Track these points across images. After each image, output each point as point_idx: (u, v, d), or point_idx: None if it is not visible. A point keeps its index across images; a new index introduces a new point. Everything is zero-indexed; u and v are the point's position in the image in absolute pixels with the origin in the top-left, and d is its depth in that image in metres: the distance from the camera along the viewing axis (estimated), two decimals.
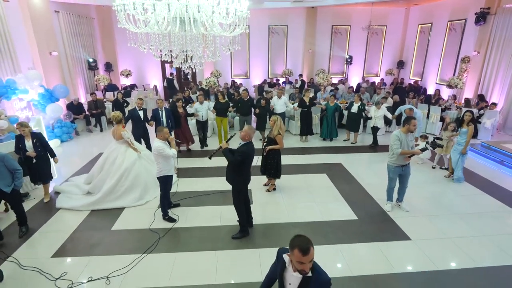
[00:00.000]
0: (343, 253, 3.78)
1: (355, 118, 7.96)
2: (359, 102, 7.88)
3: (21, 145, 4.71)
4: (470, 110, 5.59)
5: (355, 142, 8.14)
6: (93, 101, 9.37)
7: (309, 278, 1.80)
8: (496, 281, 3.33)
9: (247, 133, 3.80)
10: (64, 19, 10.06)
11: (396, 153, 4.24)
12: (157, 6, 3.40)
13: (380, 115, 7.54)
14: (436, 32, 11.80)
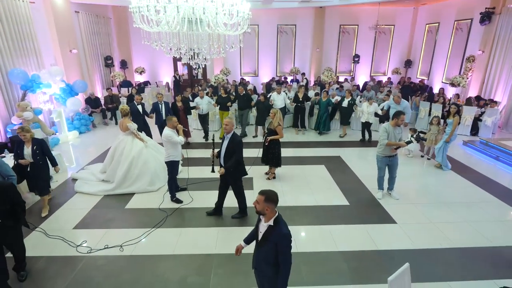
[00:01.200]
0: (332, 233, 4.15)
1: (346, 113, 8.43)
2: (349, 97, 8.31)
3: (19, 151, 4.30)
4: (455, 103, 6.16)
5: (344, 135, 8.59)
6: (109, 96, 10.00)
7: (272, 228, 2.26)
8: (469, 259, 3.63)
9: (231, 125, 4.19)
10: (83, 19, 10.73)
11: (383, 144, 4.58)
12: (168, 8, 3.84)
13: (372, 111, 7.90)
14: (443, 32, 11.89)
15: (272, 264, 2.30)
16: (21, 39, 7.75)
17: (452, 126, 5.96)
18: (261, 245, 2.36)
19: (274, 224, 2.26)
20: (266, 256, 2.33)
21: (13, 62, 7.48)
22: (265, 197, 2.24)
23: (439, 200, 5.05)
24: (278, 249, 2.22)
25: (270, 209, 2.25)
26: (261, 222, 2.36)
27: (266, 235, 2.29)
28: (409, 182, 5.69)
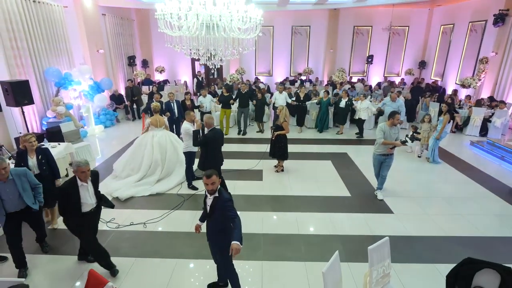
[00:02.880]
0: (332, 219, 4.55)
1: (343, 112, 8.74)
2: (346, 98, 8.63)
3: (23, 163, 3.88)
4: (446, 102, 6.74)
5: (341, 133, 8.92)
6: (129, 88, 10.39)
7: (217, 198, 2.74)
8: (458, 246, 3.93)
9: (207, 122, 4.67)
10: (109, 21, 11.52)
11: (379, 143, 4.82)
12: (189, 15, 4.35)
13: (364, 107, 8.24)
14: (457, 33, 11.90)
15: (221, 231, 2.78)
16: (55, 40, 8.52)
17: (442, 123, 6.34)
18: (210, 216, 2.83)
19: (219, 194, 2.76)
20: (215, 224, 2.81)
21: (48, 61, 8.26)
22: (216, 175, 2.70)
23: (437, 195, 5.34)
24: (224, 212, 2.68)
25: (217, 183, 2.74)
26: (207, 197, 2.84)
27: (213, 205, 2.77)
28: (408, 177, 6.04)
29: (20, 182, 3.31)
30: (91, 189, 3.31)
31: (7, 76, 6.93)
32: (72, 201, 3.18)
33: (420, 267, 3.58)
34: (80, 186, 3.20)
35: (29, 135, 3.97)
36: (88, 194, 3.28)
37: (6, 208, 3.25)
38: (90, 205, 3.32)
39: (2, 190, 3.22)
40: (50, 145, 5.93)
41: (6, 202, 3.24)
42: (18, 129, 7.12)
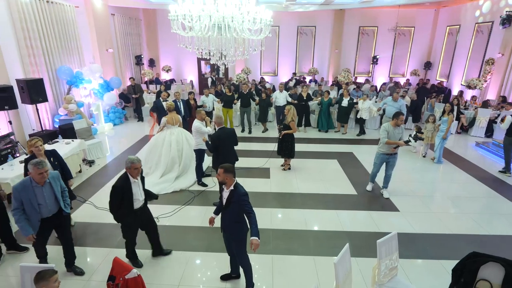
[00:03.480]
0: (339, 216, 4.67)
1: (345, 112, 8.84)
2: (348, 97, 8.74)
3: None
4: (450, 102, 6.95)
5: (345, 132, 9.05)
6: (131, 86, 10.31)
7: (233, 191, 2.88)
8: (462, 243, 4.03)
9: (216, 121, 4.85)
10: (118, 21, 11.70)
11: (383, 142, 4.91)
12: (202, 16, 4.48)
13: (366, 107, 8.37)
14: (463, 34, 11.91)
15: (237, 222, 2.93)
16: (67, 39, 8.70)
17: (447, 123, 6.49)
18: (226, 208, 2.95)
19: (234, 188, 2.89)
20: (231, 216, 2.93)
21: (60, 60, 8.44)
22: (224, 170, 2.85)
23: (443, 194, 5.44)
24: (240, 206, 2.83)
25: (229, 177, 2.87)
26: (224, 190, 2.98)
27: (230, 198, 2.89)
28: (415, 176, 6.14)
29: (56, 185, 3.25)
30: (140, 185, 3.38)
31: (21, 74, 7.12)
32: (126, 198, 3.22)
33: (426, 263, 3.69)
34: (132, 183, 3.24)
35: (34, 139, 3.70)
36: (139, 191, 3.34)
37: (41, 213, 3.15)
38: (140, 202, 3.38)
39: (39, 195, 3.10)
40: (64, 142, 6.12)
41: (43, 207, 3.14)
42: (32, 126, 7.32)
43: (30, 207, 3.06)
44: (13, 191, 3.03)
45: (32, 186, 3.05)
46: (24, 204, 3.05)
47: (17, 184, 3.06)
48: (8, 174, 4.60)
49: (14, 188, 3.03)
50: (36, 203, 3.08)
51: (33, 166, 2.99)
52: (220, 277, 3.43)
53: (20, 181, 3.08)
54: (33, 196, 3.05)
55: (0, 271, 3.55)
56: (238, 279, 3.40)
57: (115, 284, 2.61)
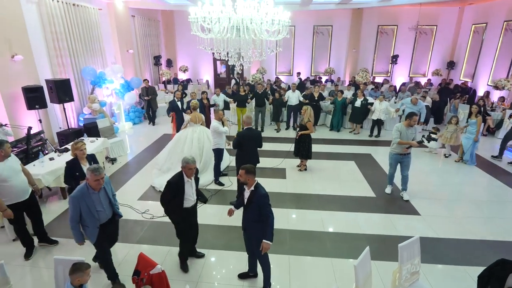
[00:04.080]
0: (356, 218, 4.62)
1: (359, 112, 8.77)
2: (362, 97, 8.64)
3: (78, 171, 3.66)
4: (477, 104, 6.74)
5: (358, 132, 8.97)
6: (145, 88, 9.92)
7: (254, 192, 2.94)
8: (489, 249, 3.89)
9: (245, 121, 4.85)
10: (138, 22, 12.02)
11: (395, 143, 4.89)
12: (221, 18, 4.55)
13: (384, 108, 8.25)
14: (490, 33, 11.43)
15: (257, 221, 2.96)
16: (90, 41, 9.03)
17: (477, 125, 6.35)
18: (247, 208, 3.04)
19: (255, 189, 2.96)
20: (252, 216, 2.99)
21: (84, 61, 8.78)
22: (245, 171, 2.92)
23: (466, 198, 5.27)
24: (260, 206, 2.90)
25: (251, 178, 2.94)
26: (245, 190, 3.06)
27: (250, 198, 2.97)
28: (436, 179, 5.98)
29: (108, 190, 3.21)
30: (194, 185, 3.40)
31: (49, 74, 7.47)
32: (178, 195, 3.27)
33: (449, 268, 3.60)
34: (186, 182, 3.27)
35: (80, 143, 3.74)
36: (192, 191, 3.37)
37: (100, 219, 3.10)
38: (191, 201, 3.41)
39: (97, 201, 3.05)
40: (89, 140, 6.37)
41: (101, 213, 3.10)
42: (59, 124, 7.66)
43: (89, 214, 2.99)
44: (71, 200, 2.95)
45: (89, 193, 2.99)
46: (82, 212, 2.97)
47: (75, 193, 2.97)
48: (40, 170, 4.83)
49: (72, 198, 2.95)
50: (95, 210, 3.02)
51: (91, 172, 2.93)
52: (237, 275, 3.48)
53: (77, 190, 3.00)
54: (91, 202, 3.00)
55: (33, 263, 3.76)
56: (256, 278, 3.45)
57: (140, 278, 2.71)
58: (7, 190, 3.51)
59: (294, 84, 9.63)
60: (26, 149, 5.65)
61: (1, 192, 3.51)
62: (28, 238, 3.86)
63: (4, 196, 3.52)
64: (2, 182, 3.45)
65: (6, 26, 6.01)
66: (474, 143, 6.50)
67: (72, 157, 3.76)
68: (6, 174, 3.47)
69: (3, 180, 3.45)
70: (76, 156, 3.72)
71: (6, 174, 3.47)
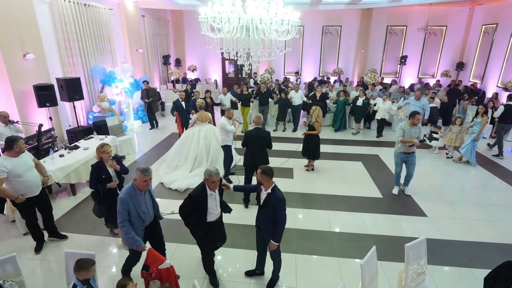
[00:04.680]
0: (363, 218, 4.63)
1: (360, 111, 8.80)
2: (363, 96, 8.70)
3: (104, 174, 3.60)
4: (483, 104, 6.86)
5: (357, 132, 9.02)
6: (145, 90, 9.31)
7: (270, 194, 2.95)
8: (496, 252, 3.86)
9: (254, 120, 4.90)
10: (148, 22, 12.17)
11: (398, 141, 5.03)
12: (231, 18, 4.60)
13: (387, 107, 8.32)
14: (501, 33, 11.26)
15: (271, 221, 3.00)
16: (101, 40, 9.19)
17: (481, 125, 6.43)
18: (262, 208, 3.08)
19: (272, 191, 2.96)
20: (267, 217, 3.03)
21: (95, 60, 8.93)
22: (262, 171, 2.95)
23: (474, 200, 5.23)
24: (275, 210, 2.92)
25: (265, 179, 2.95)
26: (262, 191, 3.07)
27: (266, 200, 3.00)
28: (444, 181, 5.97)
29: (152, 192, 3.17)
30: (218, 198, 3.14)
31: (60, 73, 7.63)
32: (200, 209, 3.04)
33: (455, 270, 3.58)
34: (209, 195, 3.03)
35: (106, 146, 3.62)
36: (215, 204, 3.12)
37: (145, 221, 3.06)
38: (215, 215, 3.16)
39: (143, 202, 2.99)
40: (98, 138, 6.49)
41: (146, 215, 3.05)
42: (68, 122, 7.82)
43: (136, 216, 2.94)
44: (120, 202, 2.86)
45: (136, 194, 2.93)
46: (130, 215, 2.90)
47: (123, 195, 2.87)
48: (50, 166, 4.94)
49: (121, 200, 2.86)
50: (142, 212, 2.97)
51: (141, 172, 2.87)
52: (244, 273, 3.53)
53: (125, 192, 2.91)
54: (138, 204, 2.93)
55: (43, 256, 3.86)
56: (262, 276, 3.49)
57: (149, 273, 2.77)
58: (21, 185, 3.62)
59: (297, 84, 9.66)
60: (36, 146, 5.78)
61: (16, 187, 3.61)
62: (39, 232, 3.96)
63: (18, 190, 3.63)
64: (17, 177, 3.56)
65: (19, 26, 6.17)
66: (473, 142, 6.51)
67: (98, 160, 3.66)
68: (21, 169, 3.58)
69: (17, 175, 3.55)
70: (101, 159, 3.64)
71: (21, 169, 3.58)
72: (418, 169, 5.41)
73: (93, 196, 3.78)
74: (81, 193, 5.41)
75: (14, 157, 3.57)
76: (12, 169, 3.50)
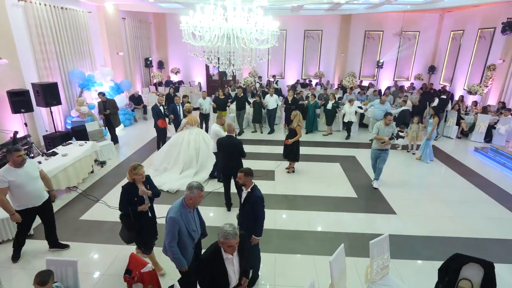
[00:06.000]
0: (339, 218, 4.92)
1: (330, 114, 9.23)
2: (333, 100, 9.16)
3: (137, 197, 3.36)
4: (434, 107, 8.07)
5: (329, 133, 9.50)
6: (102, 102, 8.07)
7: (250, 193, 3.20)
8: (453, 246, 4.22)
9: (227, 129, 5.05)
10: (128, 24, 12.06)
11: (372, 138, 5.78)
12: (212, 28, 4.75)
13: (353, 111, 8.85)
14: (467, 39, 12.05)
15: (251, 219, 3.22)
16: (79, 44, 9.04)
17: (432, 125, 7.11)
18: (243, 207, 3.30)
19: (252, 190, 3.21)
20: (248, 216, 3.24)
21: (73, 63, 8.79)
22: (244, 174, 3.16)
23: (439, 198, 5.66)
24: (254, 207, 3.15)
25: (249, 180, 3.19)
26: (243, 191, 3.32)
27: (247, 199, 3.23)
28: (413, 181, 6.46)
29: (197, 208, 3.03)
30: (236, 262, 2.53)
31: (36, 78, 7.47)
32: (219, 277, 2.47)
33: (418, 263, 3.93)
34: (225, 259, 2.46)
35: (139, 167, 3.35)
36: (233, 269, 2.51)
37: (195, 239, 2.92)
38: (234, 282, 2.58)
39: (192, 220, 2.85)
40: (78, 143, 6.44)
41: (195, 233, 2.91)
42: (45, 127, 7.67)
43: (187, 235, 2.79)
44: (171, 222, 2.67)
45: (186, 212, 2.78)
46: (181, 234, 2.73)
47: (175, 214, 2.68)
48: None
49: (172, 219, 2.67)
50: (192, 230, 2.83)
51: (197, 189, 2.72)
52: None
53: (175, 210, 2.72)
54: (188, 222, 2.78)
55: (22, 265, 3.85)
56: None
57: (132, 277, 2.89)
58: (20, 195, 3.60)
59: (272, 89, 9.95)
60: None
61: (14, 197, 3.60)
62: (23, 242, 3.92)
63: (17, 200, 3.62)
64: (18, 187, 3.54)
65: None
66: (426, 141, 7.20)
67: (129, 181, 3.41)
68: (21, 180, 3.55)
69: (17, 185, 3.53)
70: (133, 180, 3.38)
71: (21, 180, 3.55)
72: (389, 168, 5.94)
73: (122, 219, 3.48)
74: (60, 200, 5.36)
75: (16, 167, 3.54)
76: (13, 180, 3.48)
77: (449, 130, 9.23)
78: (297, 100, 9.56)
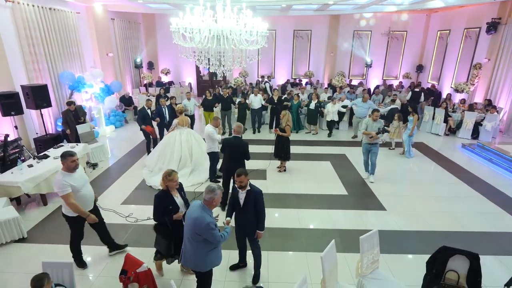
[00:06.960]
0: (330, 215, 5.01)
1: (313, 113, 9.38)
2: (316, 99, 9.32)
3: (171, 204, 3.26)
4: (412, 105, 8.40)
5: (316, 133, 9.60)
6: (70, 111, 7.29)
7: (250, 191, 3.24)
8: (441, 239, 4.34)
9: (235, 129, 5.03)
10: (118, 25, 11.95)
11: (361, 133, 6.12)
12: (202, 29, 4.79)
13: (335, 110, 9.04)
14: (453, 39, 12.34)
15: (253, 214, 3.29)
16: (68, 45, 8.94)
17: (413, 122, 7.41)
18: (244, 208, 3.28)
19: (250, 187, 3.28)
20: (250, 216, 3.29)
21: (62, 65, 8.68)
22: (245, 174, 3.21)
23: (428, 194, 5.80)
24: (256, 203, 3.24)
25: (248, 178, 3.26)
26: (239, 192, 3.29)
27: (247, 198, 3.25)
28: (403, 178, 6.61)
29: None
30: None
31: (25, 80, 7.37)
32: None
33: (407, 257, 4.05)
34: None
35: (173, 173, 3.24)
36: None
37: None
38: None
39: None
40: (69, 146, 6.39)
41: None
42: (36, 130, 7.57)
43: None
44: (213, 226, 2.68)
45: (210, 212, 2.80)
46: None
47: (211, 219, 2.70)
48: (19, 177, 4.87)
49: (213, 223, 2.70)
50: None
51: (220, 190, 2.80)
52: (229, 267, 3.81)
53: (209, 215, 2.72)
54: None
55: (17, 269, 3.82)
56: (245, 267, 3.82)
57: (127, 277, 2.92)
58: (80, 200, 3.57)
59: (256, 89, 10.01)
60: (3, 157, 5.62)
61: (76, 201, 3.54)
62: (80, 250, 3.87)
63: None
64: (75, 192, 3.51)
65: None
66: (409, 138, 7.50)
67: (162, 189, 3.30)
68: (78, 184, 3.54)
69: (75, 190, 3.50)
70: (167, 187, 3.27)
71: (78, 184, 3.54)
72: (378, 165, 6.16)
73: (157, 230, 3.38)
74: (52, 203, 5.32)
75: (70, 172, 3.50)
76: (74, 185, 3.48)
77: (437, 128, 9.45)
78: (281, 100, 9.61)
